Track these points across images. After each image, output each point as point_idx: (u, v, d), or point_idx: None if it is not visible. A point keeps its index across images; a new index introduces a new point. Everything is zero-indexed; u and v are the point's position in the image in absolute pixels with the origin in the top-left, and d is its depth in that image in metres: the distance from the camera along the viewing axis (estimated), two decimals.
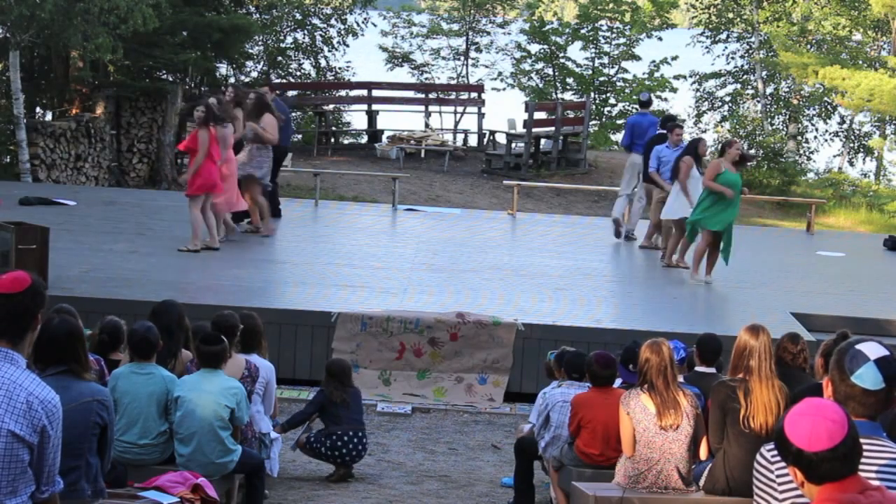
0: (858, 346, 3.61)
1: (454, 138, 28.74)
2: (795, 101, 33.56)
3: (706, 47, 34.77)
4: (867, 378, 3.57)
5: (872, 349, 3.60)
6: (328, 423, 9.17)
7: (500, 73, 33.63)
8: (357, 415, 9.25)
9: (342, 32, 31.27)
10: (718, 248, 14.02)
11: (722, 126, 33.47)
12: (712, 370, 8.14)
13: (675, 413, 6.90)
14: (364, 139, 28.67)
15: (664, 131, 15.94)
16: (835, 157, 34.21)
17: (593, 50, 32.37)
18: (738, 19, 34.54)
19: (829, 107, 33.33)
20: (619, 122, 32.52)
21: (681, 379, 7.41)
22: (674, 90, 32.33)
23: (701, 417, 7.04)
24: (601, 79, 32.45)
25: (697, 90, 34.90)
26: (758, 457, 3.66)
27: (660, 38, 32.58)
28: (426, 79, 33.07)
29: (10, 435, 3.94)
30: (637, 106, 15.77)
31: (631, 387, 7.24)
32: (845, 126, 33.94)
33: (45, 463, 4.04)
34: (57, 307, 7.11)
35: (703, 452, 7.13)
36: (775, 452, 3.57)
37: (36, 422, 3.97)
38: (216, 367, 7.39)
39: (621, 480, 7.03)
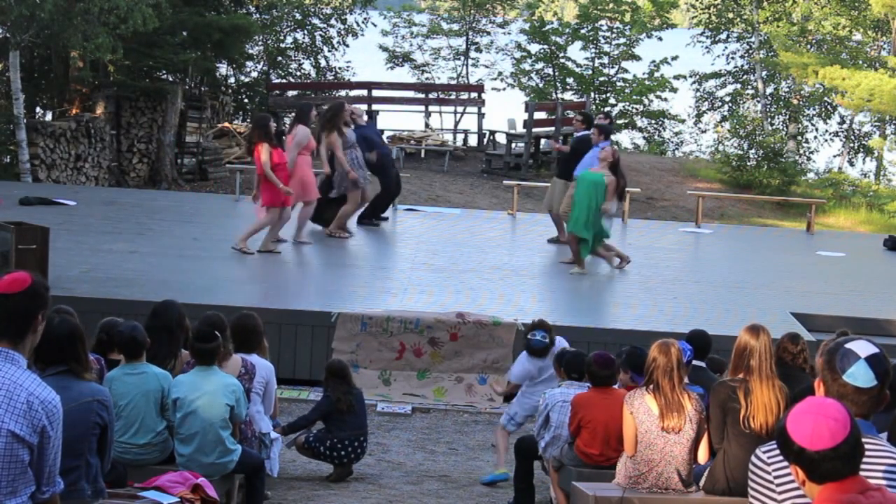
0: (848, 345, 3.61)
1: (454, 138, 28.75)
2: (795, 101, 33.58)
3: (706, 47, 34.80)
4: (859, 376, 3.57)
5: (862, 347, 3.60)
6: (332, 427, 9.16)
7: (500, 73, 33.64)
8: (361, 419, 9.25)
9: (342, 32, 31.29)
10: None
11: (722, 126, 33.50)
12: (702, 364, 8.25)
13: (678, 416, 6.88)
14: None
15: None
16: (835, 157, 34.24)
17: (593, 50, 32.37)
18: (738, 19, 34.57)
19: (829, 107, 33.36)
20: (620, 121, 32.55)
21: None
22: (674, 90, 32.34)
23: (704, 421, 7.02)
24: (601, 79, 32.45)
25: (697, 90, 34.93)
26: (753, 458, 3.65)
27: (660, 38, 32.59)
28: (426, 79, 33.08)
29: (9, 435, 3.93)
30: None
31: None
32: (845, 126, 33.97)
33: (45, 463, 4.04)
34: (56, 307, 7.11)
35: (701, 456, 7.11)
36: (772, 453, 3.57)
37: (36, 422, 3.97)
38: (210, 363, 7.39)
39: (621, 481, 7.02)
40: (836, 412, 3.18)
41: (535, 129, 25.79)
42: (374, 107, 28.12)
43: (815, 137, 34.36)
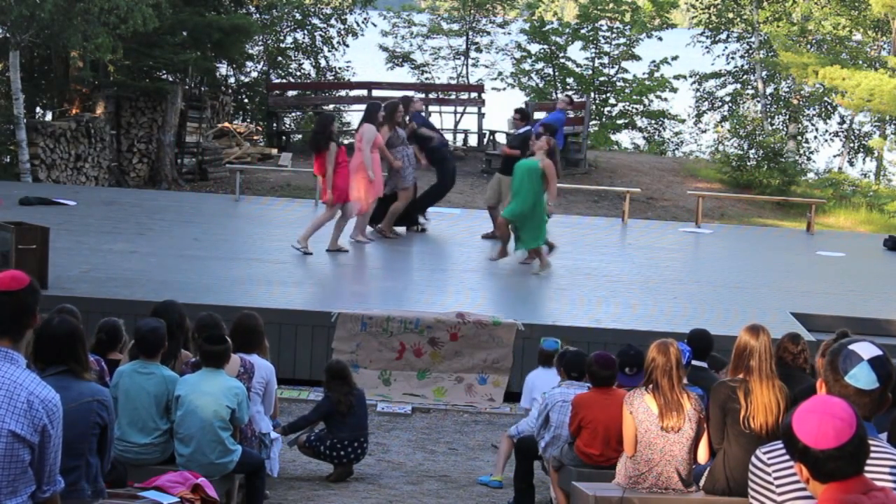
0: (851, 347, 3.61)
1: (454, 138, 28.73)
2: (795, 101, 33.57)
3: (706, 47, 34.79)
4: (861, 378, 3.57)
5: (865, 349, 3.60)
6: (332, 428, 9.16)
7: (500, 73, 33.63)
8: (362, 419, 9.24)
9: (342, 32, 31.29)
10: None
11: (722, 126, 33.49)
12: (704, 364, 8.26)
13: (677, 415, 6.89)
14: None
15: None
16: (835, 157, 34.23)
17: (593, 50, 32.37)
18: (738, 19, 34.56)
19: (829, 107, 33.35)
20: (620, 121, 32.56)
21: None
22: (674, 90, 32.35)
23: (703, 421, 7.02)
24: (601, 79, 32.45)
25: (697, 90, 34.91)
26: (753, 459, 3.65)
27: (660, 38, 32.58)
28: (426, 79, 33.06)
29: (10, 435, 3.93)
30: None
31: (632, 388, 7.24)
32: (845, 126, 33.96)
33: (46, 462, 4.04)
34: (59, 307, 7.12)
35: (701, 456, 7.10)
36: (772, 454, 3.57)
37: (37, 421, 3.97)
38: (219, 366, 7.39)
39: (621, 481, 7.02)
40: (842, 412, 3.18)
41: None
42: None
43: (815, 137, 34.35)
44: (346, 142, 18.03)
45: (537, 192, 14.01)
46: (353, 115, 30.90)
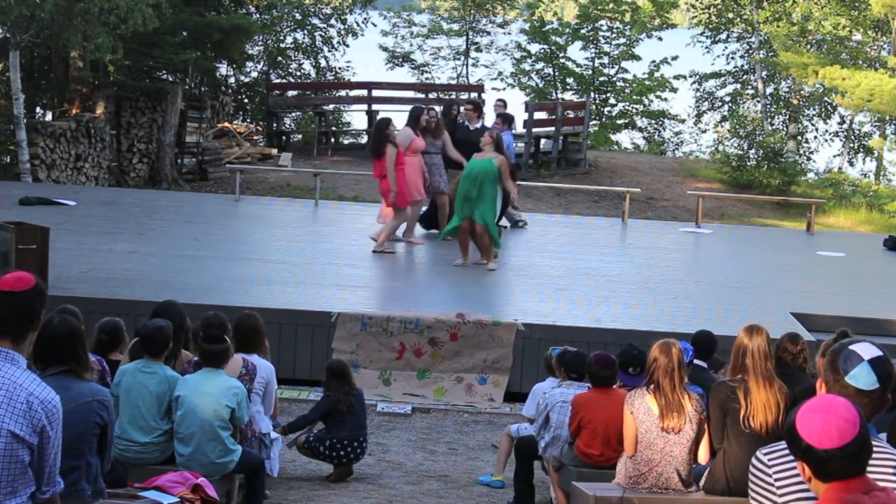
0: (852, 347, 3.62)
1: None
2: (795, 101, 33.57)
3: (706, 47, 34.79)
4: (861, 378, 3.57)
5: (866, 349, 3.61)
6: (331, 427, 9.17)
7: (500, 73, 33.64)
8: (361, 419, 9.25)
9: (342, 32, 31.29)
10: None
11: (722, 126, 33.49)
12: (704, 365, 8.30)
13: (678, 416, 6.89)
14: (364, 139, 28.64)
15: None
16: (835, 157, 34.22)
17: (593, 50, 32.38)
18: (738, 19, 34.57)
19: (829, 107, 33.34)
20: (620, 121, 32.54)
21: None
22: (674, 90, 32.35)
23: (704, 421, 7.02)
24: (601, 79, 32.46)
25: (697, 90, 34.91)
26: (753, 460, 3.66)
27: (660, 38, 32.60)
28: (426, 79, 33.07)
29: (10, 435, 3.93)
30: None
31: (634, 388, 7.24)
32: (845, 126, 33.95)
33: (45, 463, 4.04)
34: (61, 307, 7.12)
35: (701, 456, 7.11)
36: (773, 455, 3.58)
37: (36, 422, 3.97)
38: (218, 366, 7.39)
39: (622, 481, 7.03)
40: (846, 412, 3.18)
41: (535, 129, 25.77)
42: (374, 107, 28.14)
43: (815, 137, 34.34)
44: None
45: (496, 190, 14.02)
46: (353, 115, 30.94)
